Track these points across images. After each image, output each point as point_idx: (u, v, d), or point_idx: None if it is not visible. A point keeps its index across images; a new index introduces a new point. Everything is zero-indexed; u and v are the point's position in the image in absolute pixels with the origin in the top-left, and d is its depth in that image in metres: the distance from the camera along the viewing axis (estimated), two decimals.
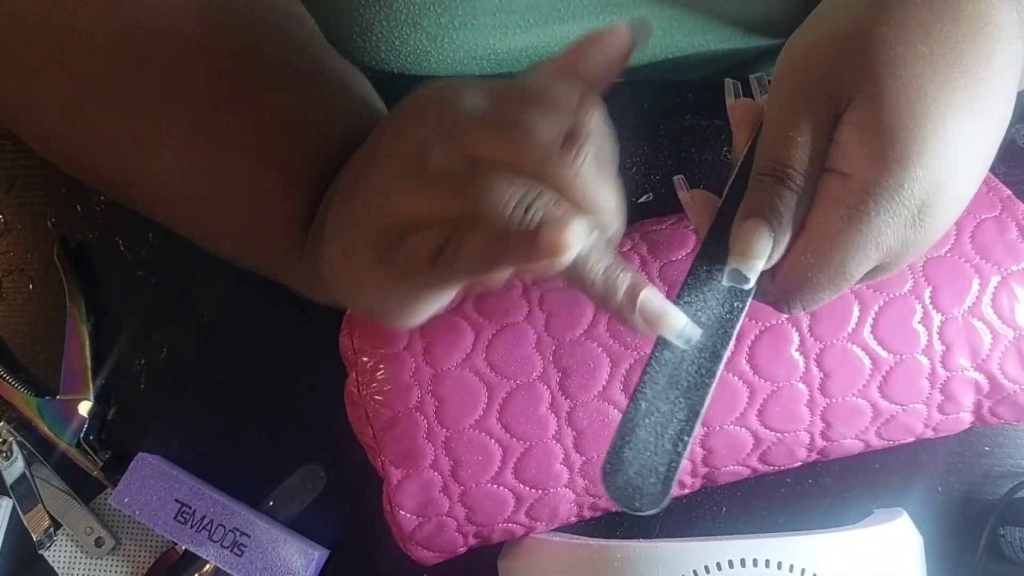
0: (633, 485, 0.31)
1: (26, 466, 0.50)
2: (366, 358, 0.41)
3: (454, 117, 0.29)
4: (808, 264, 0.32)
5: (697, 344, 0.32)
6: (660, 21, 0.51)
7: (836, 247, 0.31)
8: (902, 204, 0.30)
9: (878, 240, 0.30)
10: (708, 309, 0.32)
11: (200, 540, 0.47)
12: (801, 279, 0.32)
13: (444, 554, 0.44)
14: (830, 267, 0.31)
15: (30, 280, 0.53)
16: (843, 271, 0.31)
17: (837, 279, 0.32)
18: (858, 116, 0.31)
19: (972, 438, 0.49)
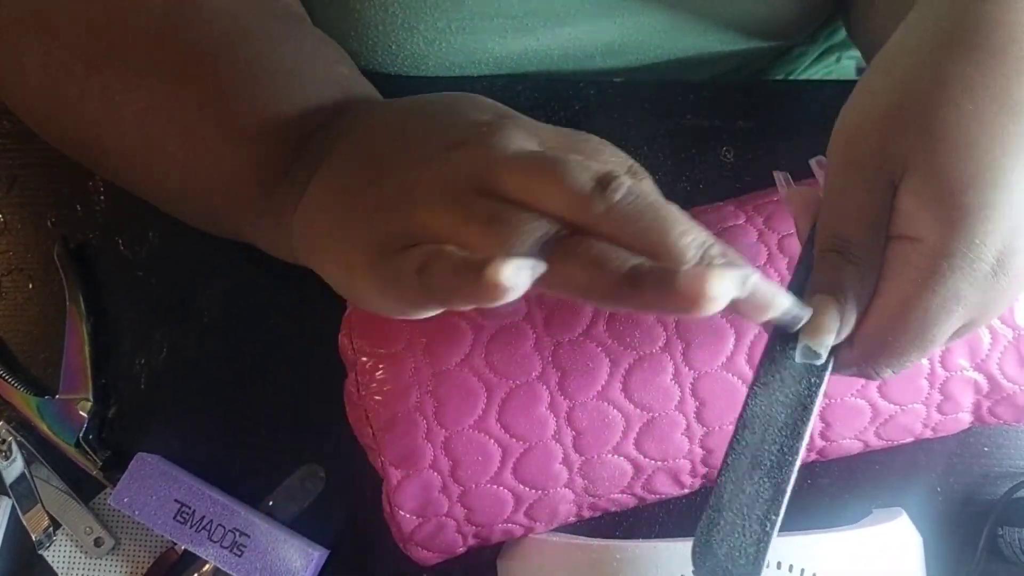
0: (723, 568, 0.31)
1: (25, 466, 0.50)
2: (365, 358, 0.41)
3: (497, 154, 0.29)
4: (887, 331, 0.32)
5: (777, 423, 0.32)
6: (660, 23, 0.51)
7: (914, 311, 0.31)
8: (977, 259, 0.30)
9: (958, 299, 0.30)
10: (785, 387, 0.33)
11: (199, 540, 0.47)
12: (882, 346, 0.32)
13: (443, 554, 0.44)
14: (910, 331, 0.31)
15: (30, 280, 0.53)
16: (925, 334, 0.31)
17: (920, 343, 0.31)
18: (916, 183, 0.31)
19: (971, 438, 0.49)
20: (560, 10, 0.49)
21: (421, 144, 0.32)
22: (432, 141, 0.32)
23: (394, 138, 0.34)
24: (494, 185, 0.28)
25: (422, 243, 0.29)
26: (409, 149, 0.33)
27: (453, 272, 0.27)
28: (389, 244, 0.30)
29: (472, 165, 0.29)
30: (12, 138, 0.53)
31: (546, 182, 0.27)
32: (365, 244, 0.31)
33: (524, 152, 0.29)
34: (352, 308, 0.43)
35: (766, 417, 0.32)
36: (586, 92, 0.51)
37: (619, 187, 0.27)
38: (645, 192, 0.27)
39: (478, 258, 0.26)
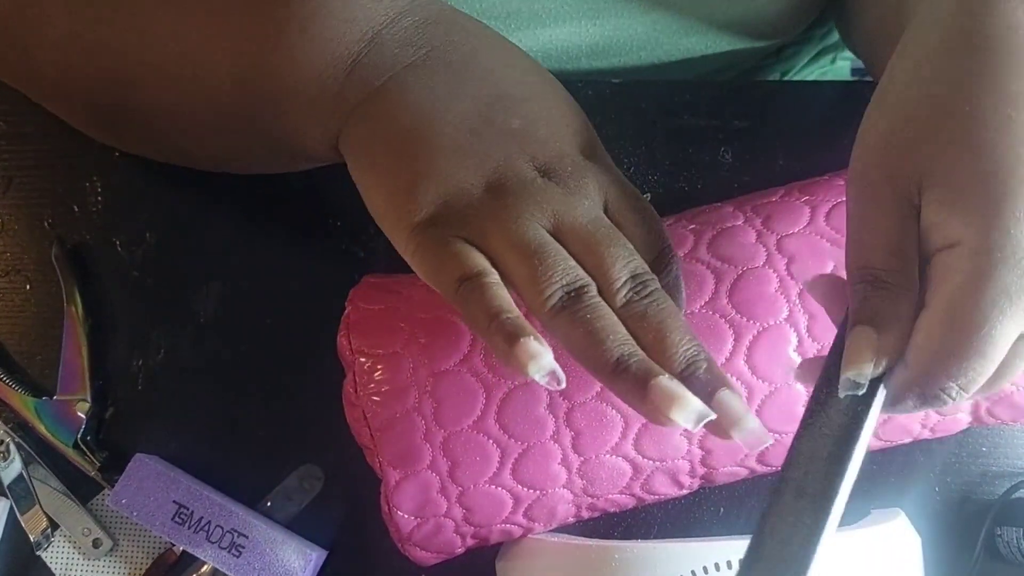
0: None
1: (23, 467, 0.50)
2: (364, 359, 0.41)
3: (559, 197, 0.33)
4: (939, 340, 0.30)
5: (822, 456, 0.31)
6: (642, 25, 0.52)
7: (964, 313, 0.30)
8: (1019, 248, 0.29)
9: (1008, 293, 0.29)
10: (831, 423, 0.32)
11: (198, 541, 0.47)
12: (937, 358, 0.30)
13: (442, 555, 0.43)
14: (963, 335, 0.30)
15: (27, 281, 0.52)
16: (981, 336, 0.29)
17: (979, 346, 0.29)
18: (937, 193, 0.31)
19: (969, 439, 0.49)
20: (541, 12, 0.49)
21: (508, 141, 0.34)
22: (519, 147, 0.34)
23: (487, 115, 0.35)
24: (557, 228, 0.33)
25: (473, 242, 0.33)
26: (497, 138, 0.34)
27: (489, 315, 0.31)
28: (446, 222, 0.33)
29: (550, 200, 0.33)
30: (8, 139, 0.53)
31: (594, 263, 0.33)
32: (421, 205, 0.33)
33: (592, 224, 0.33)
34: (351, 308, 0.43)
35: (810, 453, 0.31)
36: (584, 92, 0.51)
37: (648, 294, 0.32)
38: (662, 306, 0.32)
39: (513, 324, 0.31)
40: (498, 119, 0.34)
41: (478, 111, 0.35)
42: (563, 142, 0.35)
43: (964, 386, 0.30)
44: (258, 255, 0.52)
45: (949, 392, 0.30)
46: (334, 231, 0.51)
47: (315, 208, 0.52)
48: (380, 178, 0.35)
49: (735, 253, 0.42)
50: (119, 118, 0.43)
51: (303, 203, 0.52)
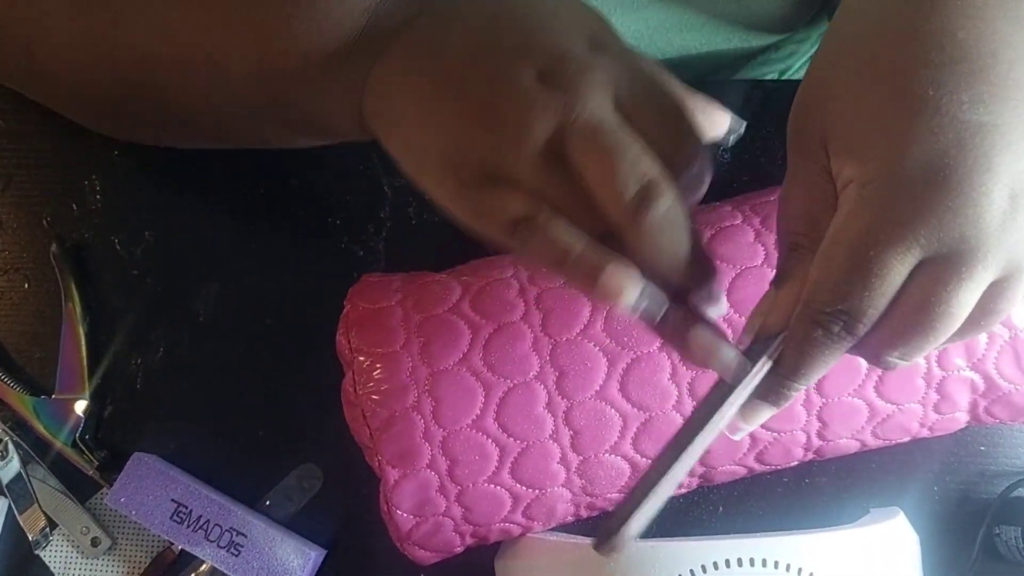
0: (604, 527, 0.31)
1: (22, 466, 0.50)
2: (363, 357, 0.41)
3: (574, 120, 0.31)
4: (818, 266, 0.30)
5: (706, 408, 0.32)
6: (637, 24, 0.51)
7: (842, 240, 0.29)
8: (897, 172, 0.28)
9: (889, 221, 0.28)
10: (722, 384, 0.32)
11: (196, 540, 0.47)
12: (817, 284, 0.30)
13: (441, 554, 0.44)
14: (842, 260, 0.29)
15: (26, 279, 0.52)
16: (859, 261, 0.29)
17: (858, 272, 0.29)
18: (835, 146, 0.31)
19: (968, 437, 0.49)
20: None
21: (513, 62, 0.32)
22: (525, 60, 0.32)
23: (486, 39, 0.33)
24: (567, 150, 0.31)
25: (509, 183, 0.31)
26: (500, 64, 0.32)
27: (559, 256, 0.30)
28: (475, 164, 0.32)
29: (556, 115, 0.31)
30: (7, 137, 0.53)
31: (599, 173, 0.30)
32: (445, 153, 0.32)
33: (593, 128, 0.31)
34: (350, 307, 0.43)
35: (699, 408, 0.32)
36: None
37: (653, 208, 0.30)
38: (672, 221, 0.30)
39: (590, 257, 0.30)
40: (497, 40, 0.33)
41: (477, 38, 0.34)
42: (568, 43, 0.33)
43: (851, 312, 0.29)
44: (257, 254, 0.52)
45: (837, 317, 0.30)
46: (333, 230, 0.51)
47: (314, 207, 0.52)
48: (402, 138, 0.35)
49: (733, 252, 0.42)
50: (132, 111, 0.43)
51: (302, 202, 0.52)
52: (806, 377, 0.31)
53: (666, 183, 0.30)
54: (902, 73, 0.29)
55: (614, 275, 0.29)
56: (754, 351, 0.32)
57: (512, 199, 0.31)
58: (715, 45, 0.54)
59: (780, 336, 0.32)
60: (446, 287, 0.43)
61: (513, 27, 0.33)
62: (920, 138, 0.28)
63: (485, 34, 0.33)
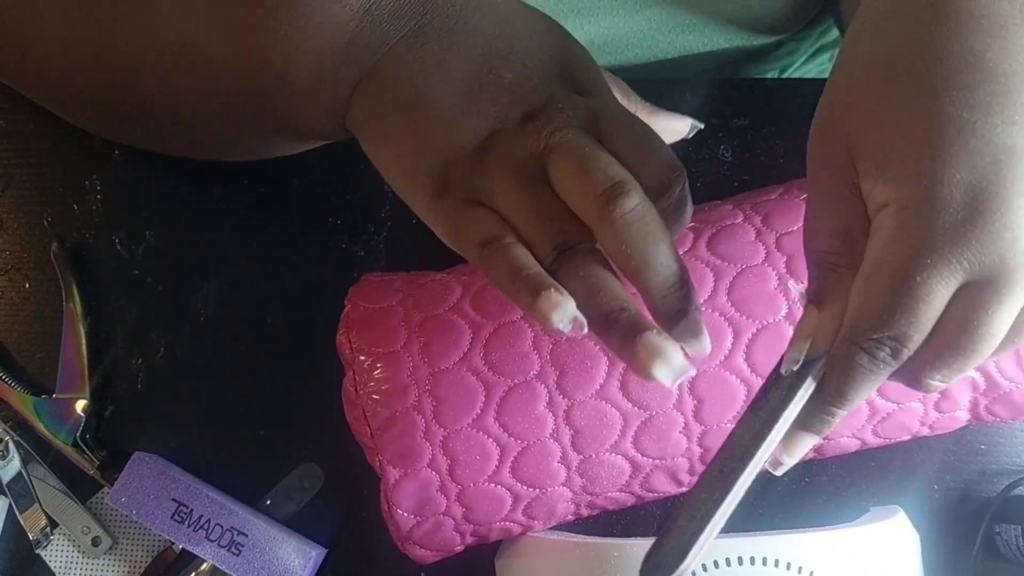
0: (658, 562, 0.31)
1: (22, 465, 0.50)
2: (363, 357, 0.41)
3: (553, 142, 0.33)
4: (866, 298, 0.30)
5: (750, 434, 0.31)
6: (637, 23, 0.51)
7: (885, 265, 0.29)
8: (937, 202, 0.28)
9: (930, 247, 0.28)
10: (768, 404, 0.32)
11: (197, 539, 0.47)
12: (862, 310, 0.30)
13: (441, 553, 0.44)
14: (886, 286, 0.29)
15: (26, 279, 0.52)
16: (905, 288, 0.29)
17: (903, 298, 0.29)
18: (864, 167, 0.31)
19: (968, 436, 0.49)
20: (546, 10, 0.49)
21: (501, 98, 0.35)
22: (513, 101, 0.34)
23: (479, 78, 0.35)
24: (545, 169, 0.33)
25: (485, 203, 0.33)
26: (490, 97, 0.34)
27: (511, 274, 0.31)
28: (457, 187, 0.34)
29: (535, 145, 0.33)
30: (8, 137, 0.53)
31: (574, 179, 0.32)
32: (434, 175, 0.34)
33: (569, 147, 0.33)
34: (351, 307, 0.43)
35: (740, 436, 0.32)
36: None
37: (622, 203, 0.31)
38: (642, 216, 0.31)
39: (534, 279, 0.31)
40: (489, 77, 0.35)
41: (470, 73, 0.35)
42: (554, 84, 0.35)
43: (897, 338, 0.30)
44: (258, 254, 0.52)
45: (883, 344, 0.30)
46: (334, 230, 0.51)
47: (315, 207, 0.52)
48: (389, 154, 0.36)
49: (734, 251, 0.42)
50: (122, 114, 0.43)
51: (303, 202, 0.52)
52: (850, 403, 0.31)
53: (634, 184, 0.31)
54: (933, 95, 0.29)
55: (552, 295, 0.30)
56: (795, 376, 0.32)
57: (486, 222, 0.33)
58: (716, 45, 0.54)
59: (822, 360, 0.31)
60: (447, 287, 0.43)
61: (506, 67, 0.35)
62: (957, 162, 0.28)
63: (479, 73, 0.35)
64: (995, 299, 0.29)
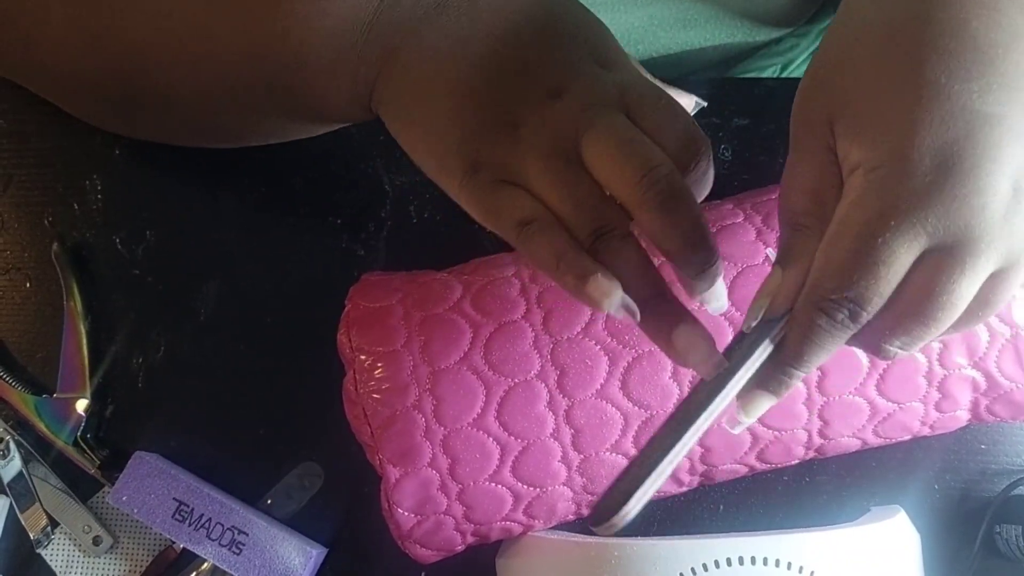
0: (601, 504, 0.31)
1: (23, 464, 0.50)
2: (364, 356, 0.41)
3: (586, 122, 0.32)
4: (831, 257, 0.30)
5: (708, 387, 0.32)
6: (638, 20, 0.51)
7: (850, 224, 0.29)
8: (907, 163, 0.28)
9: (896, 208, 0.28)
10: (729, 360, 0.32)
11: (198, 538, 0.47)
12: (824, 269, 0.30)
13: (442, 552, 0.44)
14: (849, 245, 0.29)
15: (27, 279, 0.52)
16: (868, 247, 0.29)
17: (866, 257, 0.29)
18: (843, 127, 0.31)
19: (969, 436, 0.49)
20: None
21: (527, 75, 0.34)
22: (538, 77, 0.34)
23: (507, 54, 0.35)
24: (579, 151, 0.32)
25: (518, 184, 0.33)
26: (516, 74, 0.34)
27: (555, 256, 0.31)
28: (488, 166, 0.33)
29: (568, 125, 0.32)
30: (9, 137, 0.53)
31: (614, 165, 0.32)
32: (464, 155, 0.33)
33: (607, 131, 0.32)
34: (351, 306, 0.43)
35: (701, 388, 0.32)
36: None
37: (661, 188, 0.31)
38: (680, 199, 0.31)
39: (580, 264, 0.31)
40: (512, 54, 0.34)
41: (493, 50, 0.35)
42: (578, 59, 0.35)
43: (856, 299, 0.29)
44: (258, 253, 0.52)
45: (842, 305, 0.30)
46: (334, 229, 0.51)
47: (315, 206, 0.52)
48: (417, 135, 0.35)
49: (735, 250, 0.42)
50: (132, 105, 0.43)
51: (303, 201, 0.52)
52: (807, 364, 0.31)
53: (670, 167, 0.31)
54: (914, 59, 0.29)
55: (601, 281, 0.31)
56: (756, 333, 0.32)
57: (521, 202, 0.33)
58: (718, 40, 0.54)
59: (782, 320, 0.31)
60: (447, 286, 0.43)
61: (533, 45, 0.35)
62: (930, 126, 0.28)
63: (506, 49, 0.35)
64: (958, 266, 0.29)
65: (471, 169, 0.33)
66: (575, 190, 0.32)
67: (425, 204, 0.51)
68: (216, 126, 0.45)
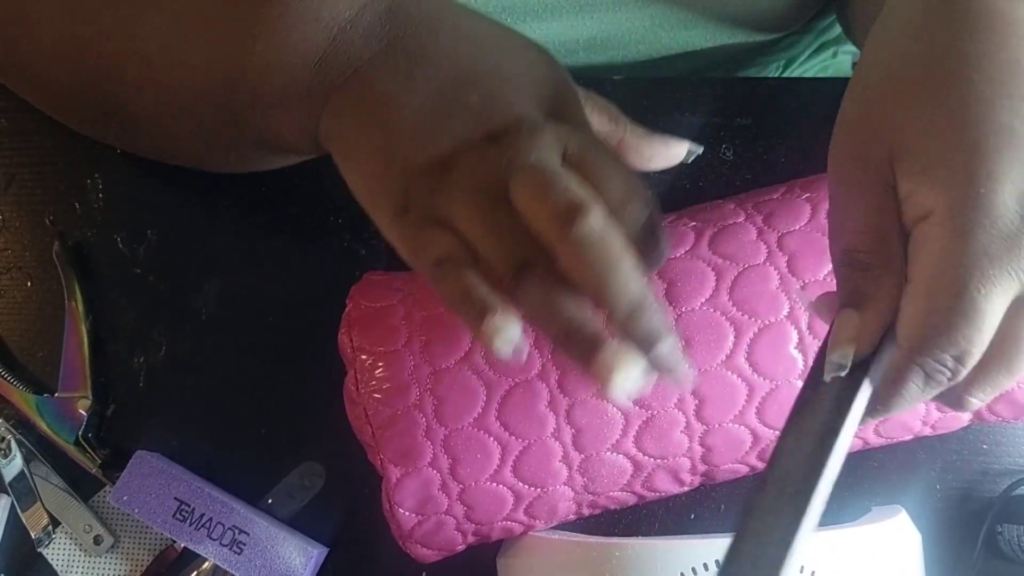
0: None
1: (25, 464, 0.50)
2: (365, 356, 0.41)
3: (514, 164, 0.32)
4: (924, 313, 0.29)
5: (805, 451, 0.30)
6: (640, 19, 0.51)
7: (945, 277, 0.28)
8: (993, 210, 0.28)
9: (989, 256, 0.28)
10: (816, 415, 0.31)
11: (199, 538, 0.47)
12: (924, 326, 0.29)
13: (443, 552, 0.44)
14: (947, 300, 0.28)
15: (28, 278, 0.53)
16: (966, 300, 0.28)
17: (965, 311, 0.28)
18: (907, 166, 0.30)
19: (970, 436, 0.49)
20: (538, 6, 0.49)
21: (468, 119, 0.34)
22: (479, 121, 0.34)
23: (447, 98, 0.34)
24: (510, 192, 0.31)
25: (444, 224, 0.32)
26: (457, 117, 0.34)
27: (460, 295, 0.31)
28: (418, 207, 0.33)
29: (500, 167, 0.32)
30: (9, 136, 0.53)
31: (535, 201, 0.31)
32: (395, 195, 0.34)
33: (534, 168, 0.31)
34: (352, 306, 0.43)
35: (793, 449, 0.30)
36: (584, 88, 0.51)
37: (579, 223, 0.29)
38: (603, 237, 0.29)
39: (481, 302, 0.30)
40: (456, 98, 0.34)
41: (437, 92, 0.35)
42: (523, 106, 0.34)
43: (959, 357, 0.29)
44: (259, 252, 0.52)
45: (944, 364, 0.29)
46: (335, 228, 0.51)
47: (316, 205, 0.52)
48: (357, 170, 0.36)
49: (736, 250, 0.42)
50: (106, 118, 0.44)
51: (304, 201, 0.52)
52: (888, 414, 0.31)
53: (595, 205, 0.30)
54: (985, 102, 0.29)
55: (493, 321, 0.30)
56: (845, 381, 0.31)
57: (441, 240, 0.32)
58: (719, 40, 0.54)
59: (873, 364, 0.30)
60: None
61: (473, 88, 0.35)
62: (1011, 169, 0.28)
63: (450, 92, 0.34)
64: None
65: (401, 209, 0.33)
66: (498, 225, 0.31)
67: None
68: (184, 148, 0.45)
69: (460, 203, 0.32)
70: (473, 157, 0.33)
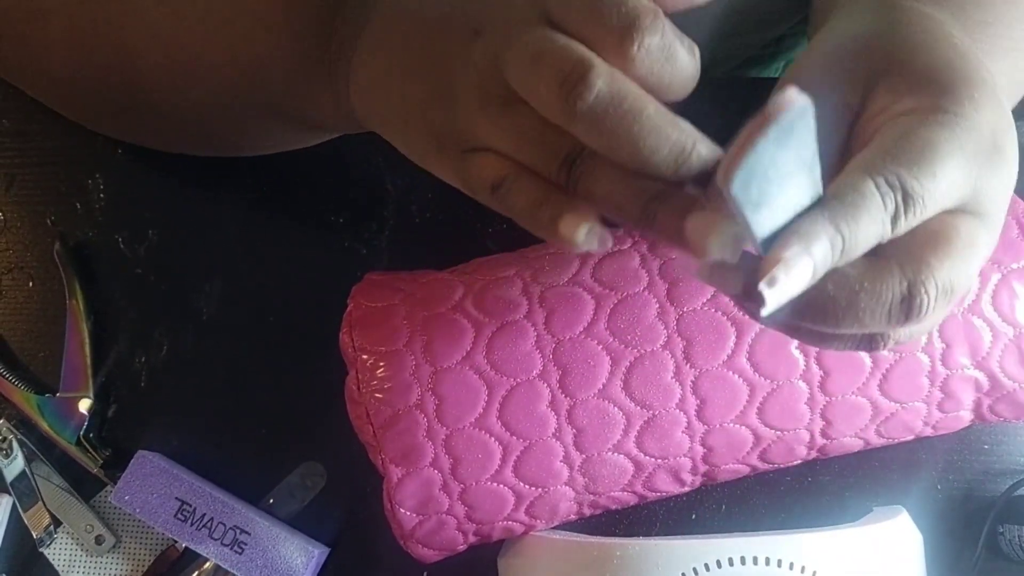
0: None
1: (26, 464, 0.50)
2: (366, 356, 0.41)
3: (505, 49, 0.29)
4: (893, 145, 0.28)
5: None
6: None
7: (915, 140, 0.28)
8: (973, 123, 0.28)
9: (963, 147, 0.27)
10: None
11: (200, 538, 0.48)
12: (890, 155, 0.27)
13: (444, 552, 0.44)
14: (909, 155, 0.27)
15: (30, 278, 0.53)
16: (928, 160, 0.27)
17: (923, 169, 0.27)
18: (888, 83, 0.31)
19: (971, 436, 0.49)
20: None
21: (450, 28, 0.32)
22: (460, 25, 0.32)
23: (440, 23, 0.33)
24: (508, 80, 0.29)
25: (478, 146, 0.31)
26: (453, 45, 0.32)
27: (528, 209, 0.29)
28: (449, 138, 0.32)
29: (490, 63, 0.29)
30: (11, 136, 0.53)
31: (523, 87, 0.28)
32: (427, 135, 0.33)
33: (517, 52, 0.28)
34: (353, 305, 0.43)
35: None
36: None
37: (582, 94, 0.26)
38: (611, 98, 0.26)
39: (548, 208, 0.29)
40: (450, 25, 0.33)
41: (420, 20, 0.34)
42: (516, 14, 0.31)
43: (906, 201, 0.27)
44: (260, 252, 0.52)
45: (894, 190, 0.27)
46: (337, 229, 0.51)
47: (318, 205, 0.52)
48: (394, 130, 0.35)
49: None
50: (126, 111, 0.44)
51: (306, 200, 0.52)
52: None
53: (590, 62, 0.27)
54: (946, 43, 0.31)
55: (567, 220, 0.28)
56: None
57: (487, 164, 0.30)
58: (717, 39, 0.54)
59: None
60: (449, 285, 0.43)
61: (466, 9, 0.33)
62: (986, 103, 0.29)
63: (431, 11, 0.34)
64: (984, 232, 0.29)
65: (437, 147, 0.32)
66: (521, 130, 0.29)
67: (427, 203, 0.51)
68: (209, 133, 0.45)
69: (478, 121, 0.30)
70: (465, 64, 0.31)
